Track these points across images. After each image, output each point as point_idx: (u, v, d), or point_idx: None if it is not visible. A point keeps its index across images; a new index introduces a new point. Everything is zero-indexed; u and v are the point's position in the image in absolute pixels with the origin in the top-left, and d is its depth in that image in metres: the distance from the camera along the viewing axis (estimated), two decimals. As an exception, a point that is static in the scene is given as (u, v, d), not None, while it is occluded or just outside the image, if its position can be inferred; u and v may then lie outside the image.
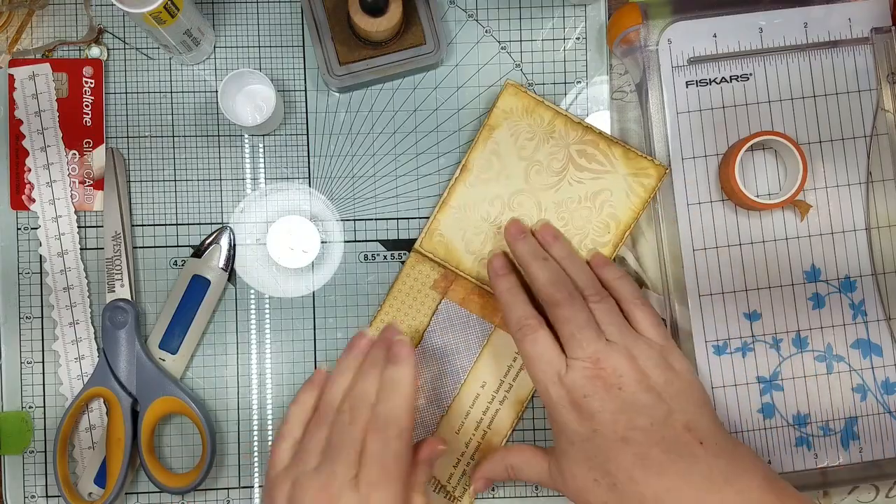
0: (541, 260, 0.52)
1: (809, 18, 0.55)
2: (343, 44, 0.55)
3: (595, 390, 0.48)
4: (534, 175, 0.55)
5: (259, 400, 0.57)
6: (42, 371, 0.56)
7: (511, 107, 0.55)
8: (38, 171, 0.56)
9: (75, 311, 0.56)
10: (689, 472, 0.46)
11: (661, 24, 0.55)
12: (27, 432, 0.55)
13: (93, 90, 0.56)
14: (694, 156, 0.55)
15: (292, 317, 0.57)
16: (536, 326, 0.50)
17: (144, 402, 0.54)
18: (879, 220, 0.55)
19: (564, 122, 0.55)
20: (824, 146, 0.55)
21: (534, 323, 0.50)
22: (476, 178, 0.55)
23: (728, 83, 0.55)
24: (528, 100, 0.55)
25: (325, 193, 0.57)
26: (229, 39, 0.57)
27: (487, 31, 0.58)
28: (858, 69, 0.55)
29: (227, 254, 0.56)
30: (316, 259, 0.56)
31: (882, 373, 0.55)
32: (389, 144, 0.57)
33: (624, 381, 0.48)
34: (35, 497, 0.56)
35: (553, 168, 0.55)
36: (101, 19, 0.57)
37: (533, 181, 0.55)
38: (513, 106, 0.55)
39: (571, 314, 0.50)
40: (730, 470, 0.46)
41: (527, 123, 0.55)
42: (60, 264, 0.56)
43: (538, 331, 0.50)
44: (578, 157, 0.55)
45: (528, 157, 0.55)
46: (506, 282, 0.53)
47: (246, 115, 0.56)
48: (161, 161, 0.57)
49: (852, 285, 0.55)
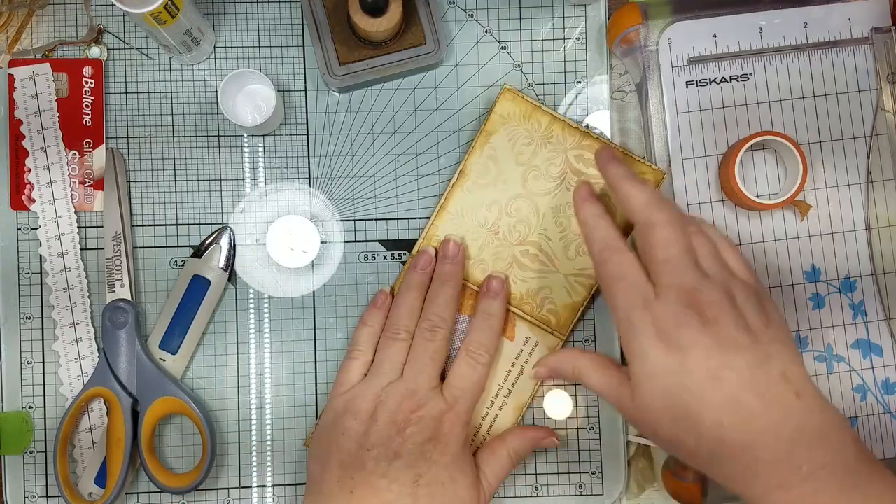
0: (637, 180, 0.48)
1: (809, 18, 0.55)
2: (343, 44, 0.55)
3: (689, 321, 0.43)
4: (531, 180, 0.55)
5: (259, 400, 0.57)
6: (42, 371, 0.56)
7: (508, 111, 0.55)
8: (38, 171, 0.56)
9: (75, 311, 0.56)
10: (782, 424, 0.42)
11: (661, 24, 0.55)
12: (27, 432, 0.55)
13: (93, 90, 0.56)
14: (694, 156, 0.55)
15: (292, 317, 0.57)
16: (623, 249, 0.47)
17: (144, 402, 0.54)
18: (879, 220, 0.55)
19: (562, 126, 0.55)
20: (824, 146, 0.55)
21: (620, 245, 0.47)
22: (473, 184, 0.55)
23: (728, 83, 0.55)
24: (526, 104, 0.55)
25: (325, 193, 0.57)
26: (229, 39, 0.57)
27: (487, 31, 0.58)
28: (858, 69, 0.55)
29: (227, 254, 0.56)
30: (316, 259, 0.56)
31: (882, 373, 0.55)
32: (389, 144, 0.57)
33: (721, 318, 0.43)
34: (35, 497, 0.56)
35: (551, 173, 0.55)
36: (101, 19, 0.57)
37: (531, 186, 0.55)
38: (510, 111, 0.55)
39: (671, 236, 0.45)
40: (823, 427, 0.42)
41: (524, 128, 0.55)
42: (60, 264, 0.56)
43: (625, 253, 0.47)
44: (576, 163, 0.55)
45: (526, 163, 0.55)
46: (592, 207, 0.50)
47: (246, 115, 0.56)
48: (161, 161, 0.57)
49: (852, 285, 0.55)
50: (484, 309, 0.54)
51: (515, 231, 0.55)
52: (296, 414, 0.57)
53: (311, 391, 0.57)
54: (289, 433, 0.57)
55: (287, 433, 0.57)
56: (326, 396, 0.56)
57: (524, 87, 0.58)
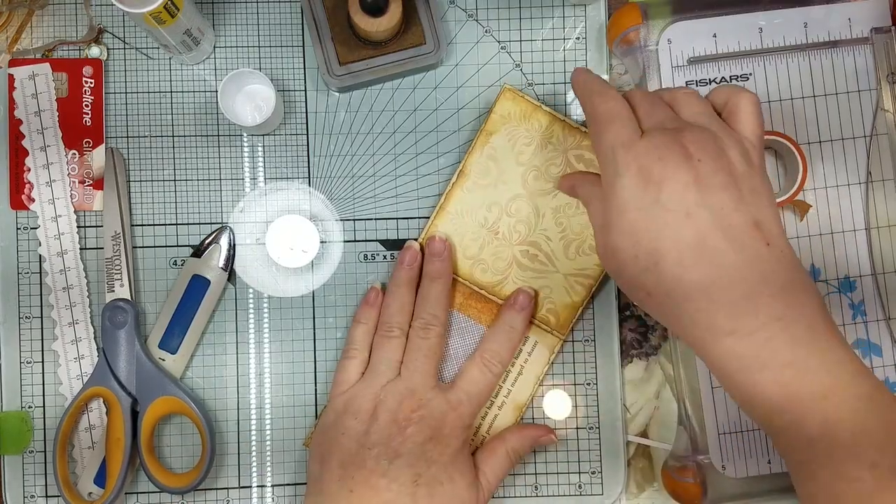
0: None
1: (809, 18, 0.55)
2: (343, 44, 0.55)
3: (671, 155, 0.42)
4: (532, 180, 0.55)
5: (259, 399, 0.57)
6: (42, 371, 0.56)
7: (508, 111, 0.55)
8: (37, 170, 0.56)
9: (75, 310, 0.56)
10: (746, 269, 0.41)
11: (661, 24, 0.55)
12: (27, 432, 0.55)
13: (93, 90, 0.56)
14: (694, 156, 0.55)
15: (292, 317, 0.57)
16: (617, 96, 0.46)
17: (144, 401, 0.54)
18: (879, 220, 0.55)
19: (562, 127, 0.55)
20: (824, 146, 0.55)
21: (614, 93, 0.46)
22: (474, 184, 0.55)
23: (728, 83, 0.55)
24: (526, 104, 0.55)
25: (324, 193, 0.57)
26: (229, 39, 0.57)
27: (487, 31, 0.58)
28: (858, 69, 0.55)
29: (226, 253, 0.56)
30: (316, 259, 0.56)
31: (882, 373, 0.55)
32: (389, 144, 0.57)
33: (704, 156, 0.42)
34: (35, 497, 0.56)
35: (551, 173, 0.55)
36: (101, 19, 0.57)
37: (531, 186, 0.55)
38: (510, 111, 0.55)
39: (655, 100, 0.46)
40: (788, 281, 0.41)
41: (524, 128, 0.55)
42: (60, 264, 0.56)
43: (619, 99, 0.46)
44: (577, 163, 0.55)
45: (526, 163, 0.55)
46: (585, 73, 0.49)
47: (246, 115, 0.56)
48: (161, 161, 0.57)
49: (852, 285, 0.55)
50: (507, 320, 0.54)
51: (515, 231, 0.55)
52: (295, 413, 0.57)
53: (310, 391, 0.57)
54: (289, 433, 0.57)
55: (287, 433, 0.57)
56: (326, 396, 0.56)
57: (524, 87, 0.58)
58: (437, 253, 0.54)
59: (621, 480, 0.57)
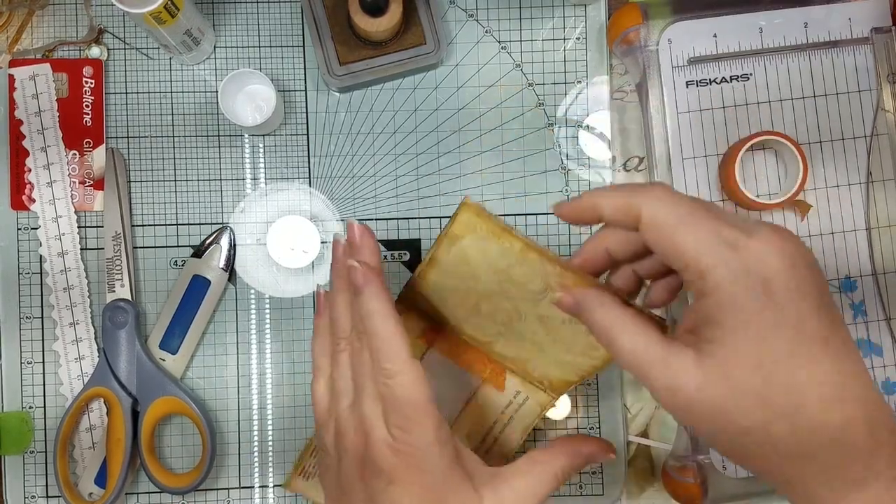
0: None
1: (809, 18, 0.55)
2: (343, 44, 0.55)
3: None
4: (510, 286, 0.46)
5: (259, 400, 0.57)
6: (42, 371, 0.56)
7: (474, 225, 0.45)
8: (38, 171, 0.56)
9: (75, 311, 0.56)
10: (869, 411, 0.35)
11: (661, 24, 0.55)
12: (27, 432, 0.55)
13: (93, 90, 0.56)
14: (694, 156, 0.55)
15: (292, 317, 0.57)
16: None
17: (144, 402, 0.54)
18: (879, 220, 0.55)
19: (539, 258, 0.44)
20: (824, 146, 0.55)
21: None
22: (444, 272, 0.47)
23: (728, 83, 0.55)
24: (493, 225, 0.44)
25: (325, 193, 0.57)
26: (229, 39, 0.57)
27: (487, 31, 0.58)
28: (858, 69, 0.55)
29: (227, 254, 0.56)
30: (316, 259, 0.56)
31: (882, 373, 0.55)
32: (389, 144, 0.57)
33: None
34: (35, 497, 0.56)
35: (530, 289, 0.46)
36: (101, 19, 0.57)
37: (511, 292, 0.46)
38: (476, 225, 0.45)
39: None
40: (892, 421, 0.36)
41: (496, 245, 0.45)
42: (60, 264, 0.56)
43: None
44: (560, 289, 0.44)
45: (503, 272, 0.46)
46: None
47: (246, 115, 0.56)
48: (161, 161, 0.57)
49: (852, 285, 0.55)
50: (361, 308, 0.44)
51: (499, 313, 0.48)
52: (296, 414, 0.57)
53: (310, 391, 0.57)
54: (289, 433, 0.57)
55: (287, 433, 0.57)
56: (326, 396, 0.56)
57: (524, 87, 0.58)
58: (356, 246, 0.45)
59: (622, 480, 0.57)
